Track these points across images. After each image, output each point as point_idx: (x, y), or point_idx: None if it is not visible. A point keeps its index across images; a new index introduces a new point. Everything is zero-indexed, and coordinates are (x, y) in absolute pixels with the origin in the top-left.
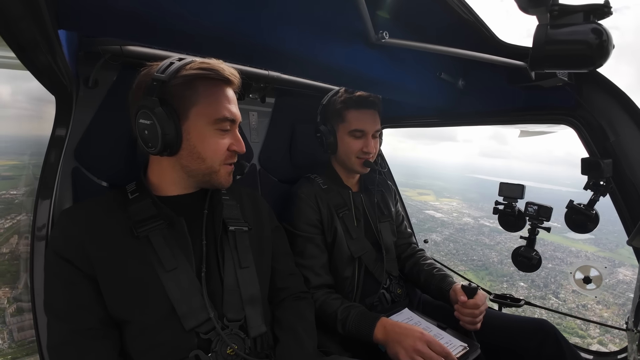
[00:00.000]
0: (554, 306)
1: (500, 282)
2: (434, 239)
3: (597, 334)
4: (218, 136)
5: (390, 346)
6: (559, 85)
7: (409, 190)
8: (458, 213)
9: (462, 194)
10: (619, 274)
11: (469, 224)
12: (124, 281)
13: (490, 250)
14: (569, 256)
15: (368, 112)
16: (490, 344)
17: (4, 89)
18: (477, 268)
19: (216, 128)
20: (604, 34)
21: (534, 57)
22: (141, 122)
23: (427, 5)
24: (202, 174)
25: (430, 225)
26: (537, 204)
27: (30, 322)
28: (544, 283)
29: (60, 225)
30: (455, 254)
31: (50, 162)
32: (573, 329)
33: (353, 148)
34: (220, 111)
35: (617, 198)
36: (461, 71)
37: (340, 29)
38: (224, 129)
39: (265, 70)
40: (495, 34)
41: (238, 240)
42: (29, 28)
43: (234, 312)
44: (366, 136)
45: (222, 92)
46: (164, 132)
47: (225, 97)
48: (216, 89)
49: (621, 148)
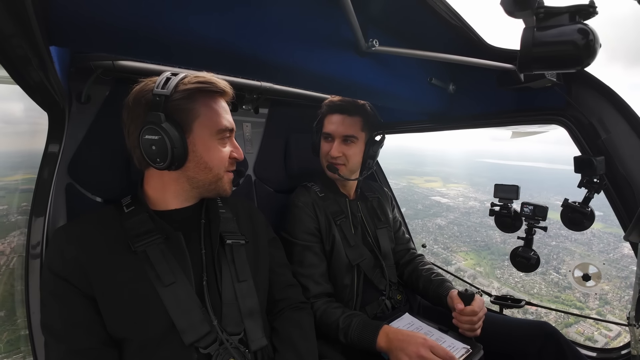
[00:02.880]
0: (555, 280)
1: (502, 260)
2: (439, 224)
3: (595, 306)
4: (221, 145)
5: (394, 354)
6: (548, 86)
7: (416, 178)
8: (464, 197)
9: (469, 178)
10: (624, 248)
11: (475, 207)
12: (122, 298)
13: (494, 231)
14: (574, 233)
15: (338, 117)
16: (492, 347)
17: (15, 106)
18: (479, 248)
19: (218, 138)
20: (590, 33)
21: (522, 60)
22: (147, 137)
23: (415, 12)
24: (208, 183)
25: (436, 210)
26: (532, 204)
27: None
28: (545, 260)
29: (55, 243)
30: (459, 236)
31: (44, 179)
32: (572, 301)
33: (323, 151)
34: (220, 122)
35: (611, 194)
36: (451, 76)
37: (330, 39)
38: (224, 138)
39: (257, 82)
40: (483, 38)
41: (235, 254)
42: (20, 45)
43: (233, 325)
44: (335, 141)
45: (219, 104)
46: (173, 146)
47: (222, 108)
48: (213, 101)
49: (613, 145)
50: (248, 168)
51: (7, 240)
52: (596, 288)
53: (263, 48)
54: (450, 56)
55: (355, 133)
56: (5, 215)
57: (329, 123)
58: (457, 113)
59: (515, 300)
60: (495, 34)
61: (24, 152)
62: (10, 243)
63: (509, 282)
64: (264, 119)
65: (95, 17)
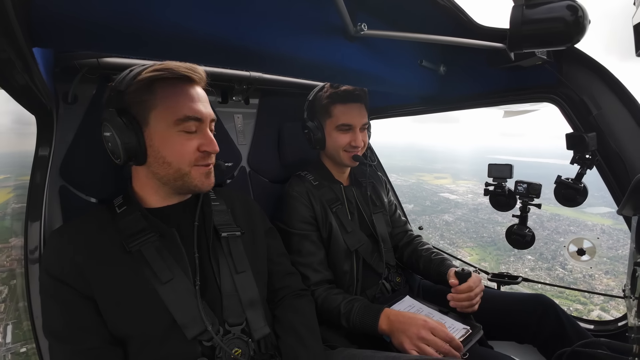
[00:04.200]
0: (560, 276)
1: (508, 256)
2: (446, 220)
3: (600, 302)
4: (183, 137)
5: (395, 336)
6: (539, 64)
7: (425, 175)
8: (473, 194)
9: (480, 175)
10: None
11: (484, 204)
12: (121, 298)
13: (502, 227)
14: (583, 230)
15: (354, 106)
16: (492, 323)
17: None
18: (485, 244)
19: (179, 130)
20: (579, 10)
21: (512, 38)
22: (104, 135)
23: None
24: (172, 179)
25: (444, 206)
26: (526, 182)
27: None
28: (552, 256)
29: (51, 247)
30: (466, 232)
31: (36, 183)
32: (576, 296)
33: (341, 142)
34: (180, 111)
35: (603, 170)
36: (442, 57)
37: (318, 24)
38: (189, 130)
39: (246, 72)
40: (472, 18)
41: (232, 246)
42: (2, 49)
43: (235, 316)
44: (354, 130)
45: (183, 91)
46: (123, 141)
47: (187, 96)
48: (175, 89)
49: (604, 120)
50: (242, 160)
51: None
52: (591, 262)
53: (250, 37)
54: (440, 37)
55: (367, 120)
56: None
57: (344, 113)
58: (449, 94)
59: (512, 277)
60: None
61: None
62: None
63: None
64: (255, 109)
65: (77, 16)
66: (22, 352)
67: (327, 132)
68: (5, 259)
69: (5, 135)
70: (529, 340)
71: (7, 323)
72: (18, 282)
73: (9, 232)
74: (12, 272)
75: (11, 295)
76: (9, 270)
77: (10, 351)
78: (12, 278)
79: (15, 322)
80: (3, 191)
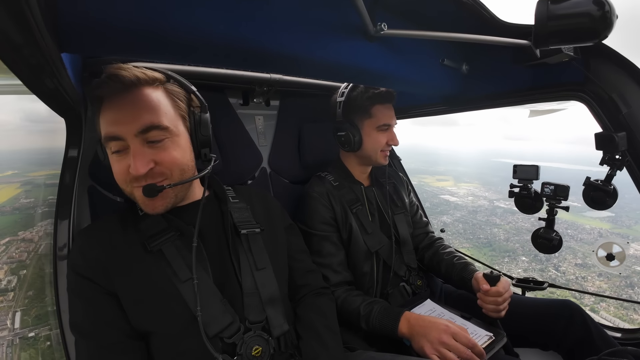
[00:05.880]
0: (552, 277)
1: (502, 257)
2: (444, 221)
3: (590, 302)
4: (114, 158)
5: (416, 340)
6: (566, 61)
7: (427, 177)
8: (474, 196)
9: (482, 178)
10: (631, 248)
11: (483, 206)
12: (143, 295)
13: (499, 229)
14: (581, 233)
15: (390, 106)
16: (517, 329)
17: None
18: (481, 245)
19: (109, 150)
20: (606, 4)
21: (537, 34)
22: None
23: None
24: (132, 200)
25: (443, 208)
26: (553, 183)
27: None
28: (546, 257)
29: (77, 245)
30: (463, 233)
31: (66, 183)
32: (567, 297)
33: (381, 142)
34: (100, 131)
35: (634, 170)
36: (464, 56)
37: (337, 25)
38: (113, 150)
39: (267, 74)
40: (495, 14)
41: (252, 243)
42: (32, 55)
43: (255, 314)
44: (390, 129)
45: (113, 105)
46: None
47: (115, 108)
48: (106, 105)
49: (634, 119)
50: (263, 161)
51: (34, 230)
52: (620, 267)
53: (270, 40)
54: (462, 35)
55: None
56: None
57: (385, 114)
58: (471, 94)
59: (538, 282)
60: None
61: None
62: (39, 232)
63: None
64: (276, 111)
65: (103, 22)
66: (30, 337)
67: (365, 132)
68: (15, 251)
69: (12, 133)
70: (554, 347)
71: (16, 310)
72: (29, 273)
73: (19, 226)
74: (21, 262)
75: (20, 285)
76: (18, 261)
77: (18, 336)
78: (22, 268)
79: (24, 309)
80: (12, 186)
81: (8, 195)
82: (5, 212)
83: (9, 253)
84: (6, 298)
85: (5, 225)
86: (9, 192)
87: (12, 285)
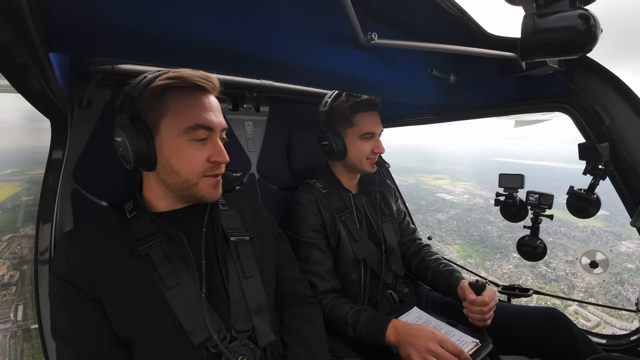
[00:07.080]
0: (542, 273)
1: (494, 254)
2: (439, 218)
3: (579, 298)
4: (193, 147)
5: (403, 348)
6: (551, 73)
7: (425, 176)
8: (470, 195)
9: (478, 176)
10: (622, 246)
11: (478, 204)
12: (128, 301)
13: (492, 226)
14: (573, 231)
15: (374, 114)
16: (502, 337)
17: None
18: (474, 242)
19: (189, 138)
20: (591, 18)
21: (524, 47)
22: (116, 140)
23: (413, 3)
24: (180, 189)
25: (439, 206)
26: (538, 192)
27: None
28: None
29: (61, 249)
30: (456, 230)
31: (49, 185)
32: (555, 292)
33: (365, 150)
34: (190, 119)
35: (617, 180)
36: (452, 67)
37: (329, 33)
38: (199, 138)
39: (257, 80)
40: (483, 27)
41: (240, 251)
42: (20, 54)
43: (242, 323)
44: (375, 137)
45: (195, 99)
46: (133, 147)
47: (199, 104)
48: (187, 98)
49: (617, 130)
50: (252, 167)
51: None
52: (604, 275)
53: (261, 46)
54: (450, 46)
55: (382, 127)
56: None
57: (366, 122)
58: (459, 104)
59: (523, 289)
60: (496, 22)
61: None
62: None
63: (496, 273)
64: (266, 117)
65: (93, 23)
66: (33, 329)
67: (349, 141)
68: (17, 247)
69: (13, 131)
70: (539, 355)
71: (19, 303)
72: (30, 268)
73: (20, 223)
74: (23, 258)
75: (22, 279)
76: (20, 257)
77: (20, 328)
78: (23, 264)
79: (26, 302)
80: (13, 184)
81: (9, 193)
82: (7, 210)
83: (11, 249)
84: (9, 292)
85: (7, 222)
86: (10, 190)
87: (14, 280)
